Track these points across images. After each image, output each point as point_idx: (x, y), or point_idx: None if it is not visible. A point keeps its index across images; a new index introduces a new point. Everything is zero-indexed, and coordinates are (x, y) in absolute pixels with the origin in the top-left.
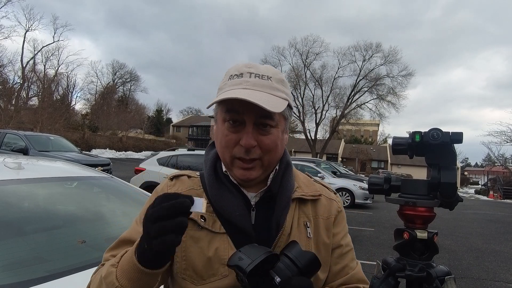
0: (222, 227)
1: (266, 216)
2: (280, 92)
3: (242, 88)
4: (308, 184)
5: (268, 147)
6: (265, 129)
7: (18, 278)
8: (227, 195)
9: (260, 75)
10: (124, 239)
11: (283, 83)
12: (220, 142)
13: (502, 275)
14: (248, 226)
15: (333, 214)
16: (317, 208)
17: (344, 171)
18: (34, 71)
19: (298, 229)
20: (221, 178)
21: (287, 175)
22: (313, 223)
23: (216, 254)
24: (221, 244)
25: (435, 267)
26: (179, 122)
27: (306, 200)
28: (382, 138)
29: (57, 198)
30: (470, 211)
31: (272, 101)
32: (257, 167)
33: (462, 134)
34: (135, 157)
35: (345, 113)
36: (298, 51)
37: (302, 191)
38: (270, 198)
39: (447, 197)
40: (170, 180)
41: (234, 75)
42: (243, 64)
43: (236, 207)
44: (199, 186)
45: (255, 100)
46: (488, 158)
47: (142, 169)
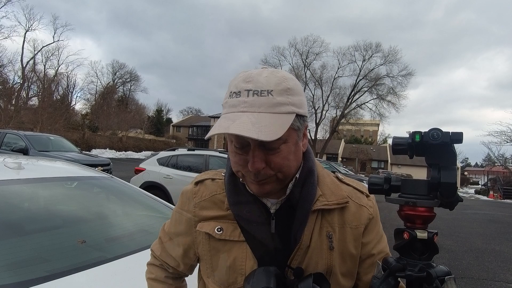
0: (241, 235)
1: (286, 225)
2: (284, 106)
3: (238, 111)
4: (334, 189)
5: (278, 166)
6: (273, 149)
7: (18, 278)
8: (246, 204)
9: (259, 91)
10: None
11: (288, 92)
12: (231, 159)
13: (502, 275)
14: (267, 236)
15: (363, 223)
16: (344, 215)
17: (344, 171)
18: (34, 71)
19: (320, 240)
20: (239, 185)
21: (308, 184)
22: (338, 233)
23: (234, 264)
24: (239, 254)
25: (435, 267)
26: (179, 122)
27: (332, 209)
28: (382, 138)
29: (57, 198)
30: (470, 211)
31: (269, 126)
32: (271, 181)
33: (462, 134)
34: (135, 157)
35: (345, 113)
36: (298, 51)
37: (326, 199)
38: (290, 206)
39: (447, 197)
40: (194, 185)
41: (233, 92)
42: (241, 79)
43: (255, 215)
44: (222, 190)
45: (248, 132)
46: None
47: (142, 169)
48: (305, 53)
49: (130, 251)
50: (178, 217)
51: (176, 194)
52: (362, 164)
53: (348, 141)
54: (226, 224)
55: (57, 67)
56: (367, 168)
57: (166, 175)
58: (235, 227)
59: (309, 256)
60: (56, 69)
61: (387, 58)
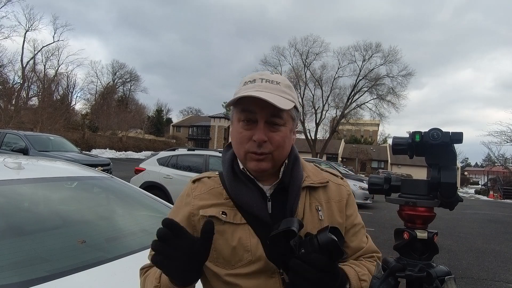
0: (243, 218)
1: (281, 205)
2: (287, 95)
3: (254, 90)
4: (316, 173)
5: (277, 143)
6: (275, 126)
7: (18, 278)
8: (245, 190)
9: (271, 80)
10: None
11: (290, 89)
12: (235, 139)
13: (502, 275)
14: (266, 215)
15: (344, 198)
16: (328, 193)
17: (344, 171)
18: (34, 71)
19: (311, 213)
20: (238, 174)
21: (296, 167)
22: (325, 207)
23: (240, 243)
24: (243, 234)
25: (435, 267)
26: (179, 122)
27: (316, 187)
28: (382, 138)
29: (57, 198)
30: (470, 211)
31: (280, 101)
32: (268, 160)
33: (462, 134)
34: (135, 157)
35: (345, 113)
36: (298, 51)
37: (311, 179)
38: (283, 189)
39: (447, 197)
40: (192, 183)
41: (248, 81)
42: (256, 73)
43: (254, 199)
44: (219, 184)
45: (266, 98)
46: (488, 158)
47: (142, 169)
48: (305, 53)
49: (130, 251)
50: (173, 214)
51: (176, 194)
52: (362, 164)
53: (348, 141)
54: (228, 210)
55: (57, 67)
56: (367, 168)
57: (166, 175)
58: (235, 212)
59: (305, 226)
60: (56, 69)
61: (387, 58)
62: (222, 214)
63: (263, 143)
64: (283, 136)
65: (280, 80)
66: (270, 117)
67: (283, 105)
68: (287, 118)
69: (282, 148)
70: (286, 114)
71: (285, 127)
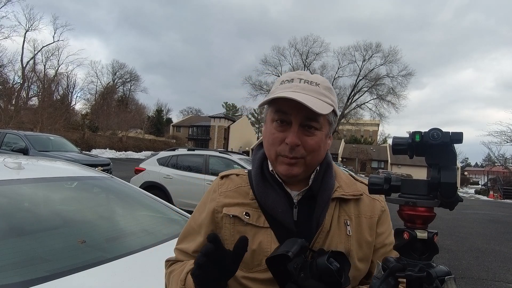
0: (266, 222)
1: (307, 214)
2: (327, 98)
3: (291, 91)
4: (349, 183)
5: (311, 148)
6: (310, 130)
7: (18, 278)
8: (272, 193)
9: (310, 81)
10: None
11: (330, 91)
12: (267, 140)
13: (502, 275)
14: (290, 222)
15: (376, 214)
16: (359, 207)
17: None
18: (34, 71)
19: (338, 226)
20: (266, 176)
21: (328, 175)
22: (354, 222)
23: (260, 247)
24: (264, 238)
25: (435, 267)
26: (179, 122)
27: (348, 199)
28: (382, 138)
29: (57, 198)
30: (470, 211)
31: (318, 104)
32: (300, 164)
33: (462, 134)
34: (135, 157)
35: (345, 113)
36: (298, 51)
37: (343, 190)
38: (311, 197)
39: (447, 197)
40: (220, 179)
41: (285, 80)
42: (294, 72)
43: (280, 203)
44: (247, 183)
45: (302, 100)
46: (488, 158)
47: (142, 169)
48: (305, 53)
49: (130, 251)
50: (200, 208)
51: (176, 194)
52: (362, 164)
53: (348, 141)
54: (251, 211)
55: (57, 67)
56: (367, 168)
57: (166, 175)
58: (259, 215)
59: (330, 240)
60: (56, 69)
61: (387, 58)
62: (245, 215)
63: (296, 147)
64: (318, 141)
65: (320, 82)
66: (305, 120)
67: (320, 109)
68: (323, 122)
69: (315, 154)
70: (323, 118)
71: (321, 132)
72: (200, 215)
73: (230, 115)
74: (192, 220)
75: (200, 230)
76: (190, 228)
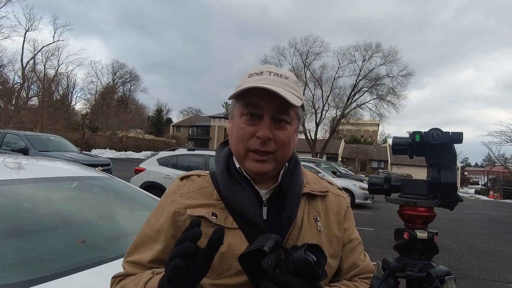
0: (234, 222)
1: (277, 211)
2: (296, 92)
3: (262, 83)
4: (316, 181)
5: (282, 142)
6: (281, 124)
7: (18, 278)
8: (240, 191)
9: (279, 74)
10: (137, 245)
11: (298, 85)
12: (235, 135)
13: (502, 275)
14: (260, 221)
15: (343, 209)
16: (326, 203)
17: (344, 171)
18: (34, 71)
19: (309, 223)
20: (233, 174)
21: (296, 171)
22: (323, 218)
23: (229, 249)
24: (233, 239)
25: (435, 267)
26: (179, 122)
27: (315, 196)
28: (382, 138)
29: (57, 198)
30: (470, 211)
31: (290, 96)
32: (270, 161)
33: (462, 134)
34: (135, 157)
35: (345, 113)
36: (298, 51)
37: (311, 187)
38: (280, 194)
39: (447, 197)
40: (180, 180)
41: (254, 73)
42: (262, 66)
43: (249, 202)
44: (210, 184)
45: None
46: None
47: (142, 169)
48: (305, 53)
49: None
50: (157, 213)
51: None
52: (362, 164)
53: (348, 141)
54: (218, 212)
55: (57, 67)
56: (367, 168)
57: (166, 175)
58: (226, 215)
59: (302, 236)
60: (56, 69)
61: (387, 58)
62: (212, 215)
63: (268, 141)
64: (289, 135)
65: (289, 75)
66: (277, 113)
67: (294, 101)
68: (293, 116)
69: (286, 148)
70: (293, 112)
71: (291, 126)
72: (157, 221)
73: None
74: (147, 227)
75: (158, 237)
76: (144, 236)
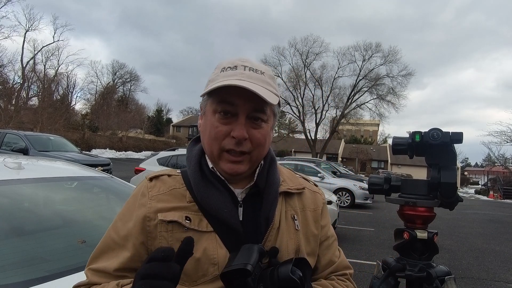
0: (209, 225)
1: (254, 212)
2: (272, 88)
3: (237, 79)
4: (292, 178)
5: (258, 141)
6: (257, 122)
7: (18, 278)
8: (214, 192)
9: (254, 69)
10: (101, 250)
11: (274, 80)
12: (208, 134)
13: (502, 275)
14: (237, 223)
15: (319, 206)
16: (303, 200)
17: (344, 171)
18: (34, 71)
19: (286, 222)
20: (206, 174)
21: (273, 170)
22: (301, 216)
23: (205, 254)
24: (209, 244)
25: (435, 267)
26: (179, 122)
27: (292, 194)
28: (382, 138)
29: (57, 198)
30: (470, 211)
31: (266, 94)
32: (246, 162)
33: (462, 134)
34: (135, 157)
35: (345, 113)
36: (298, 51)
37: (288, 184)
38: (256, 193)
39: (447, 197)
40: (149, 181)
41: (227, 67)
42: (235, 58)
43: (224, 204)
44: (182, 184)
45: (253, 89)
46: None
47: (142, 169)
48: (305, 53)
49: None
50: (124, 217)
51: None
52: (362, 164)
53: (348, 141)
54: (192, 215)
55: (57, 67)
56: (367, 168)
57: None
58: (201, 218)
59: (280, 236)
60: (56, 69)
61: (387, 58)
62: (186, 220)
63: (243, 141)
64: (265, 134)
65: (264, 70)
66: (252, 111)
67: (270, 99)
68: (269, 113)
69: (261, 148)
70: (269, 109)
71: (267, 124)
72: (124, 225)
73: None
74: (113, 232)
75: (125, 243)
76: (110, 241)
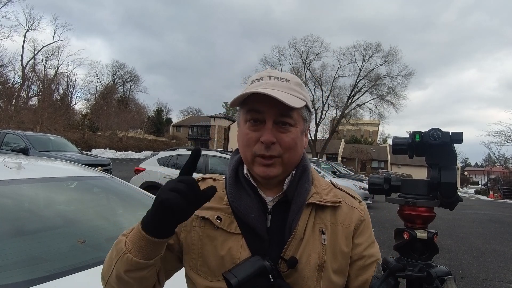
0: (238, 228)
1: (281, 220)
2: (298, 93)
3: (261, 88)
4: (328, 190)
5: (287, 145)
6: (284, 127)
7: (18, 278)
8: (244, 197)
9: (279, 77)
10: None
11: (301, 87)
12: (242, 142)
13: (502, 275)
14: (263, 229)
15: (353, 223)
16: (336, 215)
17: (344, 171)
18: (34, 71)
19: (313, 234)
20: (241, 180)
21: (303, 180)
22: (330, 230)
23: (229, 253)
24: (234, 244)
25: (435, 267)
26: (179, 122)
27: (324, 207)
28: (382, 138)
29: (57, 198)
30: (470, 211)
31: (289, 98)
32: (277, 164)
33: (462, 134)
34: (135, 157)
35: (345, 113)
36: (298, 51)
37: (320, 196)
38: (286, 202)
39: (447, 197)
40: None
41: (255, 79)
42: (264, 71)
43: (252, 209)
44: (222, 189)
45: (272, 94)
46: (488, 158)
47: (142, 169)
48: (305, 53)
49: None
50: None
51: None
52: (362, 164)
53: (348, 141)
54: (224, 216)
55: (57, 67)
56: (367, 168)
57: (166, 175)
58: (231, 220)
59: (303, 248)
60: (56, 69)
61: (387, 58)
62: (216, 219)
63: (272, 145)
64: (294, 137)
65: (290, 78)
66: (279, 116)
67: (292, 103)
68: (297, 118)
69: (292, 151)
70: (296, 114)
71: (296, 128)
72: None
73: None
74: None
75: None
76: None
